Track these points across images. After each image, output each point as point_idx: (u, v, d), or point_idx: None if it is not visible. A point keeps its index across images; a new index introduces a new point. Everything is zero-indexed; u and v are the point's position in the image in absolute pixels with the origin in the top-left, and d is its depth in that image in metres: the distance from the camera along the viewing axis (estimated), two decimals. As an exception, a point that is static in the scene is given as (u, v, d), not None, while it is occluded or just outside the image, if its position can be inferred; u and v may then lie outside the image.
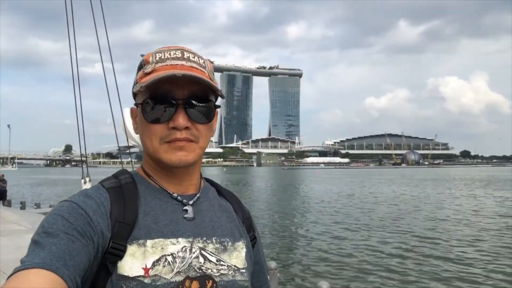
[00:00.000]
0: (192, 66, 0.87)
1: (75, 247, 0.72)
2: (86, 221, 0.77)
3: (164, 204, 0.89)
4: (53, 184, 49.34)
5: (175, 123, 0.84)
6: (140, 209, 0.85)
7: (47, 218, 0.76)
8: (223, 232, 0.93)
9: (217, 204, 0.99)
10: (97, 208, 0.80)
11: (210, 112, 0.89)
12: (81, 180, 20.10)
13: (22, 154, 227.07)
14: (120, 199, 0.85)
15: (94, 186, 0.88)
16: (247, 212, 1.06)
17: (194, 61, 0.89)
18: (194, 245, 0.86)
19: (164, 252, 0.82)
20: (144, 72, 0.87)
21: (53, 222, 0.74)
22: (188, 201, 0.92)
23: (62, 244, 0.70)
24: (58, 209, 0.78)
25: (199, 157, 0.91)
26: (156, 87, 0.83)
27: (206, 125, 0.89)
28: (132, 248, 0.80)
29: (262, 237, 6.51)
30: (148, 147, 0.88)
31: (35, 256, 0.67)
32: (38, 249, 0.69)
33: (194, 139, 0.87)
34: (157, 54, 0.88)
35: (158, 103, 0.85)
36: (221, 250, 0.90)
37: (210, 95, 0.89)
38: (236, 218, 1.00)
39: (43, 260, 0.66)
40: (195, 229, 0.88)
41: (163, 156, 0.86)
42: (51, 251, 0.68)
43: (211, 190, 1.01)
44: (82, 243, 0.73)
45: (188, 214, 0.90)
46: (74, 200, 0.80)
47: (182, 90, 0.85)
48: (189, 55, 0.89)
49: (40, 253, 0.68)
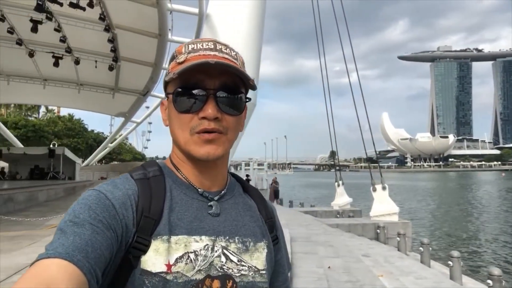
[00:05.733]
0: (224, 56, 0.87)
1: (99, 239, 0.72)
2: (111, 213, 0.77)
3: (190, 199, 0.89)
4: (316, 186, 54.53)
5: (205, 113, 0.84)
6: (166, 203, 0.85)
7: (74, 206, 0.78)
8: (246, 232, 0.92)
9: (242, 202, 0.98)
10: (124, 201, 0.81)
11: (240, 103, 0.90)
12: (335, 183, 21.21)
13: (296, 160, 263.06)
14: (147, 191, 0.85)
15: (123, 175, 0.89)
16: (271, 212, 1.04)
17: (226, 52, 0.89)
18: (217, 244, 0.86)
19: (187, 249, 0.82)
20: (177, 62, 0.88)
21: (80, 211, 0.75)
22: (214, 197, 0.92)
23: (86, 235, 0.71)
24: (86, 198, 0.79)
25: (227, 151, 0.91)
26: (188, 76, 0.85)
27: (235, 117, 0.89)
28: (156, 243, 0.80)
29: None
30: (178, 137, 0.89)
31: (59, 246, 0.69)
32: (62, 238, 0.71)
33: (223, 130, 0.87)
34: (190, 45, 0.89)
35: (189, 93, 0.86)
36: (242, 250, 0.89)
37: (241, 87, 0.89)
38: (259, 217, 0.99)
39: (66, 250, 0.68)
40: (219, 227, 0.88)
41: (192, 148, 0.86)
42: (75, 241, 0.70)
43: (236, 186, 1.01)
44: (106, 235, 0.74)
45: (213, 210, 0.90)
46: (102, 190, 0.81)
47: (213, 80, 0.85)
48: (221, 46, 0.89)
49: (64, 243, 0.69)
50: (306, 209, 19.45)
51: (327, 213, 17.93)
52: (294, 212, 16.76)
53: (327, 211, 18.42)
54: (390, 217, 13.89)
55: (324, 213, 17.75)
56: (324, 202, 25.62)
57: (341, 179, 19.10)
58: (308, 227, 11.55)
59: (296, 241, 8.64)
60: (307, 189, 47.68)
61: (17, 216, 9.66)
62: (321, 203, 26.09)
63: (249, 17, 14.11)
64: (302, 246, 8.24)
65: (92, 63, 18.28)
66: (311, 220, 13.75)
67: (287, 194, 32.54)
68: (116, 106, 25.25)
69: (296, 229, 10.75)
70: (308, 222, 12.90)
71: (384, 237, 12.22)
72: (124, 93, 22.69)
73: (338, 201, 19.04)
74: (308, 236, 9.78)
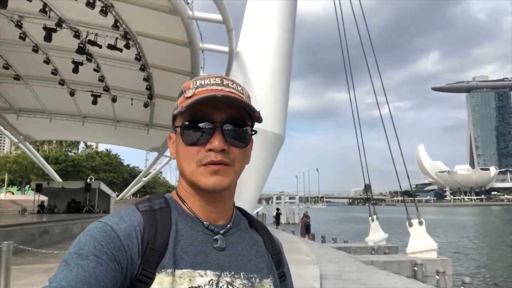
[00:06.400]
0: (231, 91, 0.90)
1: (103, 271, 0.72)
2: (117, 245, 0.78)
3: (195, 233, 0.89)
4: (351, 221, 52.92)
5: (212, 145, 0.86)
6: (171, 236, 0.85)
7: (80, 238, 0.78)
8: (252, 268, 0.91)
9: (248, 237, 0.97)
10: (129, 232, 0.81)
11: (246, 136, 0.91)
12: (369, 218, 20.54)
13: (329, 194, 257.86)
14: (152, 223, 0.85)
15: (128, 208, 0.89)
16: (278, 247, 1.03)
17: (232, 87, 0.91)
18: (222, 279, 0.85)
19: (191, 284, 0.81)
20: (185, 97, 0.90)
21: (85, 243, 0.76)
22: (219, 230, 0.91)
23: (90, 268, 0.71)
24: (92, 229, 0.79)
25: (233, 182, 0.91)
26: (196, 109, 0.87)
27: (242, 150, 0.91)
28: (160, 276, 0.80)
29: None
30: (184, 169, 0.90)
31: (62, 278, 0.69)
32: (66, 270, 0.71)
33: (230, 162, 0.88)
34: (197, 81, 0.92)
35: (196, 126, 0.87)
36: (248, 286, 0.88)
37: (247, 120, 0.91)
38: (266, 252, 0.98)
39: (69, 283, 0.68)
40: (224, 262, 0.88)
41: (198, 180, 0.87)
42: (78, 274, 0.70)
43: (242, 220, 1.01)
44: (110, 267, 0.74)
45: (219, 244, 0.89)
46: (108, 222, 0.82)
47: (220, 113, 0.87)
48: (228, 82, 0.91)
49: (67, 275, 0.70)
50: (339, 245, 18.81)
51: (361, 249, 17.26)
52: (326, 248, 16.26)
53: (361, 247, 17.75)
54: (428, 254, 13.20)
55: (358, 249, 17.09)
56: (358, 238, 24.76)
57: (375, 213, 18.48)
58: (340, 263, 11.14)
59: (326, 279, 8.33)
60: (341, 224, 46.35)
61: (52, 248, 9.93)
62: (356, 238, 25.23)
63: (277, 52, 14.45)
64: (333, 284, 7.92)
65: (128, 101, 19.14)
66: (344, 256, 13.27)
67: (319, 229, 31.73)
68: (150, 141, 26.07)
69: (327, 265, 10.39)
70: (341, 258, 12.45)
71: (422, 275, 11.57)
72: (158, 129, 23.46)
73: (373, 236, 18.32)
74: (339, 273, 9.41)
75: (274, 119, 14.11)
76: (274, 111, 14.17)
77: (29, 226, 12.66)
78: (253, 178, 13.39)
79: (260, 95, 14.05)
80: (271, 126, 13.82)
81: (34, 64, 16.58)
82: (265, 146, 13.57)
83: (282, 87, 14.65)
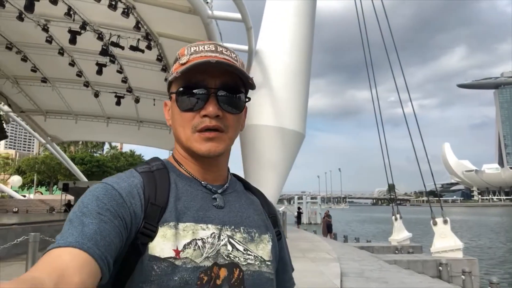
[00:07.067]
0: (225, 57, 0.90)
1: (107, 228, 0.74)
2: (119, 202, 0.79)
3: (194, 191, 0.91)
4: (375, 221, 52.08)
5: (206, 111, 0.87)
6: (171, 193, 0.87)
7: (83, 198, 0.80)
8: (251, 223, 0.94)
9: (244, 197, 1.00)
10: (130, 190, 0.83)
11: (240, 102, 0.92)
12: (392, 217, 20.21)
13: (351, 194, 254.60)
14: (152, 182, 0.87)
15: (128, 170, 0.91)
16: (273, 209, 1.06)
17: (226, 54, 0.92)
18: (223, 233, 0.88)
19: (195, 236, 0.84)
20: (180, 63, 0.91)
21: (88, 202, 0.78)
22: (217, 190, 0.94)
23: (94, 224, 0.73)
24: (94, 190, 0.81)
25: (228, 148, 0.94)
26: (190, 76, 0.88)
27: (235, 116, 0.92)
28: (163, 229, 0.82)
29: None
30: (180, 135, 0.92)
31: (69, 236, 0.71)
32: (72, 228, 0.73)
33: (224, 128, 0.89)
34: (192, 48, 0.92)
35: (191, 92, 0.89)
36: (248, 240, 0.91)
37: (241, 87, 0.92)
38: (263, 211, 1.01)
39: (76, 239, 0.70)
40: (224, 217, 0.90)
41: (193, 145, 0.89)
42: (84, 231, 0.71)
43: (238, 184, 1.03)
44: (114, 223, 0.76)
45: (218, 202, 0.91)
46: (109, 182, 0.84)
47: (214, 79, 0.88)
48: (222, 49, 0.92)
49: (73, 232, 0.71)
50: (361, 244, 18.55)
51: (385, 248, 16.98)
52: (348, 247, 16.08)
53: (384, 246, 17.46)
54: (454, 254, 12.85)
55: (381, 249, 16.82)
56: (382, 238, 24.35)
57: (398, 212, 18.14)
58: (362, 262, 10.98)
59: (347, 276, 8.23)
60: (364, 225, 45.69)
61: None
62: (379, 238, 24.82)
63: (296, 50, 14.40)
64: (354, 282, 7.82)
65: (151, 101, 19.44)
66: (366, 255, 13.08)
67: (342, 229, 31.35)
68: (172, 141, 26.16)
69: (349, 263, 10.27)
70: (362, 257, 12.28)
71: (448, 275, 11.27)
72: (180, 129, 23.68)
73: (396, 236, 17.99)
74: (361, 271, 9.28)
75: (293, 117, 14.06)
76: (293, 109, 14.13)
77: (56, 223, 13.11)
78: (273, 176, 13.37)
79: (280, 92, 14.01)
80: (290, 123, 13.78)
81: (60, 67, 17.07)
82: (285, 143, 13.53)
83: (302, 85, 14.58)
